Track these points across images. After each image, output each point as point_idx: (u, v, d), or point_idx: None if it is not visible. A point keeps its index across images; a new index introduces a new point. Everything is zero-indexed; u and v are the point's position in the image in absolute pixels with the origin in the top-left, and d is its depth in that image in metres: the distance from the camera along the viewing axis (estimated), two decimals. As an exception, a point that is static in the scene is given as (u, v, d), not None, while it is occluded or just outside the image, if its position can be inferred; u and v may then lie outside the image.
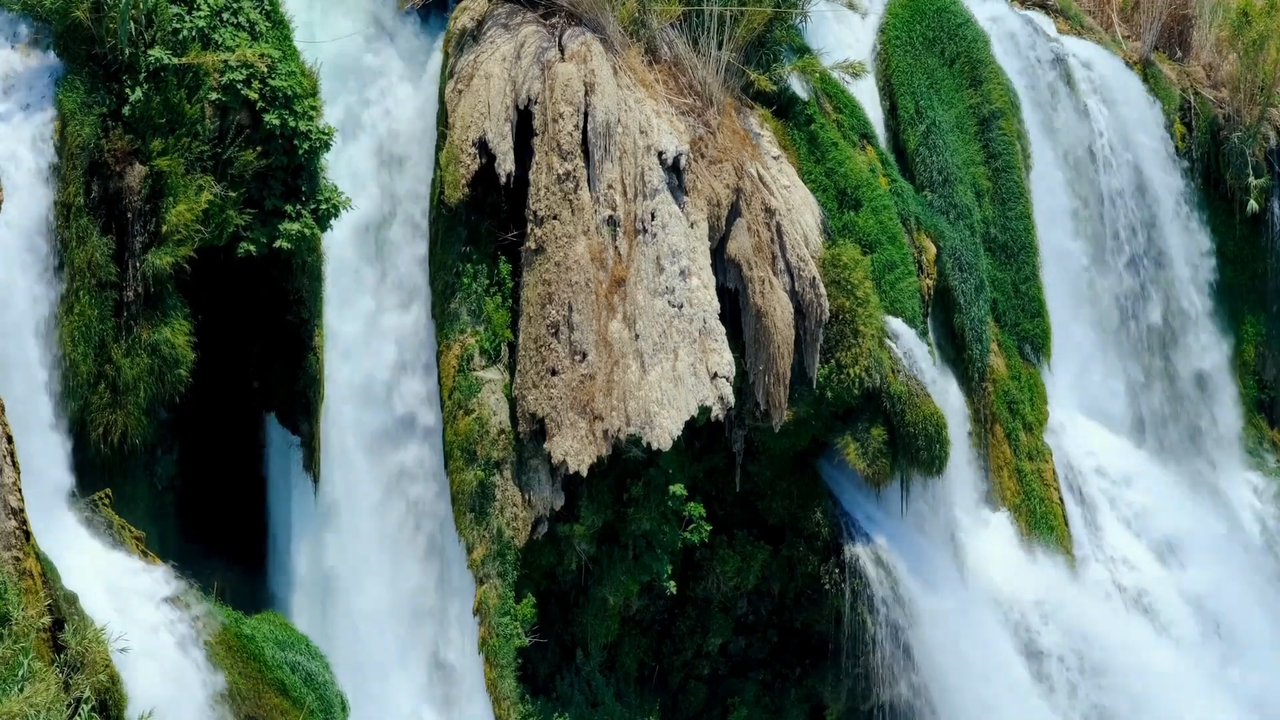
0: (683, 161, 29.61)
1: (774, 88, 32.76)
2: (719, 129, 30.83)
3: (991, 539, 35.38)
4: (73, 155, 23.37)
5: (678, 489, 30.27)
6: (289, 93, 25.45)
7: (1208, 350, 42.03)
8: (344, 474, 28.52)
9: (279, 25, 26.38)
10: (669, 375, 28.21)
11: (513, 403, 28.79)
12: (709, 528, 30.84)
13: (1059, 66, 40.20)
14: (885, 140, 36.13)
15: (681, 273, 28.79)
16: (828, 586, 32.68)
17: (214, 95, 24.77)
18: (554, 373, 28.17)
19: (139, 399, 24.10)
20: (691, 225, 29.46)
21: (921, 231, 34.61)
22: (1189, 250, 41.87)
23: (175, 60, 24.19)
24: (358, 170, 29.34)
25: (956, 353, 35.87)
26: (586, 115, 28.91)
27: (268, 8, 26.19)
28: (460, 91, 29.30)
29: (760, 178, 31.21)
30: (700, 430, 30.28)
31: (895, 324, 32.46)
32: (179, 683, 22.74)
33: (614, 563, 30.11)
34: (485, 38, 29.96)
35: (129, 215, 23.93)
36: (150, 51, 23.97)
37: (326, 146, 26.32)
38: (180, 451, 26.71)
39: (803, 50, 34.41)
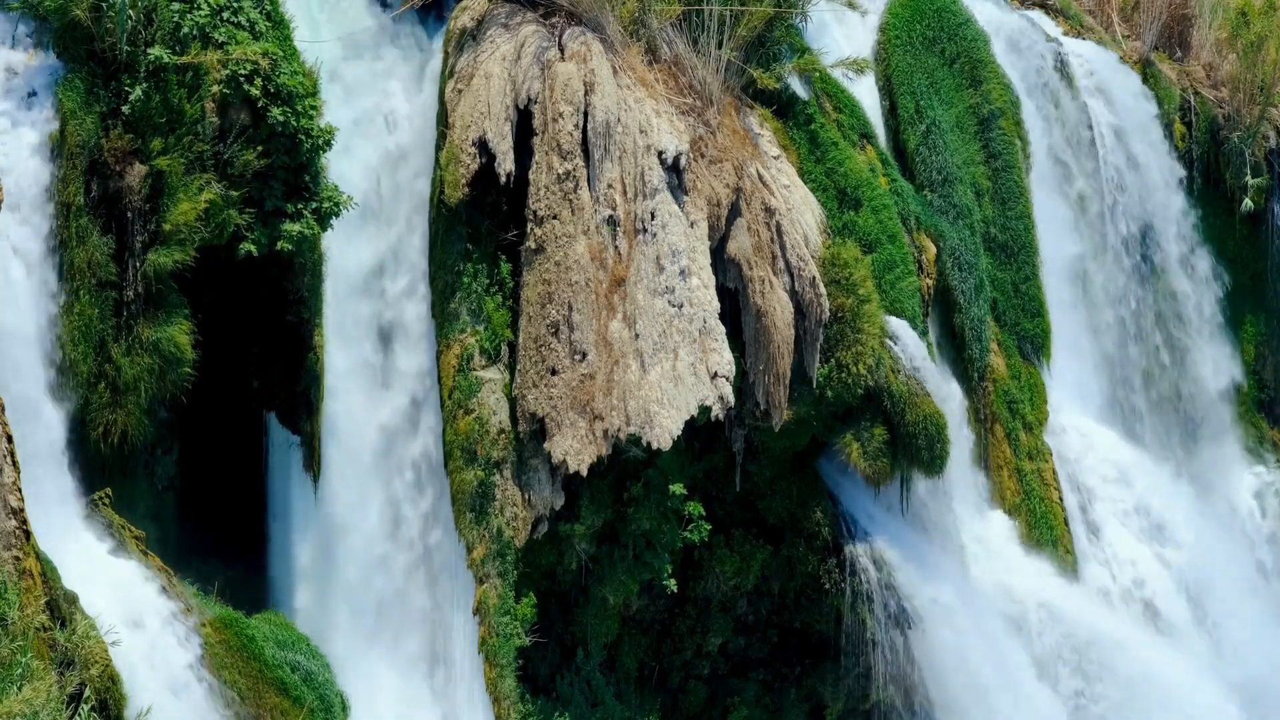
0: (683, 161, 29.59)
1: (776, 84, 32.74)
2: (719, 128, 30.81)
3: (991, 538, 35.39)
4: (73, 155, 23.34)
5: (677, 488, 30.25)
6: (291, 91, 25.43)
7: (1207, 350, 42.01)
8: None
9: (279, 25, 26.38)
10: (669, 375, 28.19)
11: (513, 402, 28.77)
12: (709, 527, 30.82)
13: (1059, 66, 40.18)
14: (885, 140, 36.13)
15: (681, 272, 28.76)
16: (828, 586, 32.68)
17: (216, 87, 24.72)
18: (554, 372, 28.15)
19: (139, 399, 24.07)
20: (691, 225, 29.44)
21: (921, 231, 34.60)
22: (1188, 249, 41.86)
23: (175, 59, 24.18)
24: (357, 170, 29.30)
25: (956, 352, 35.86)
26: (586, 115, 28.90)
27: (268, 7, 26.18)
28: (460, 91, 29.29)
29: (760, 177, 31.19)
30: (700, 430, 30.26)
31: (895, 324, 32.43)
32: (179, 682, 22.74)
33: (614, 562, 30.10)
34: (485, 37, 29.94)
35: (129, 215, 23.90)
36: (150, 50, 23.95)
37: (328, 145, 26.32)
38: (180, 451, 26.70)
39: (802, 50, 34.38)
